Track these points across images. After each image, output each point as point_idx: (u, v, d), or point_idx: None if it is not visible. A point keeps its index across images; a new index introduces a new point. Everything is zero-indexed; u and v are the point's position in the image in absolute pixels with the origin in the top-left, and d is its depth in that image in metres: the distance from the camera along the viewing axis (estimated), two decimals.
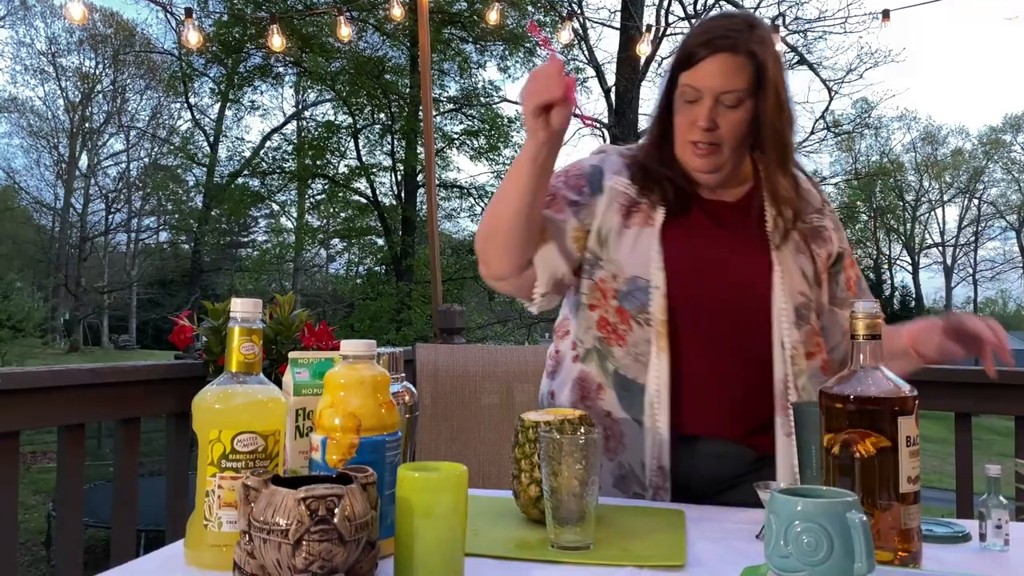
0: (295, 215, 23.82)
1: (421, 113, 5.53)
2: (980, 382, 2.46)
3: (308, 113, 22.53)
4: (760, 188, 1.44)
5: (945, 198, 37.66)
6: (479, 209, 18.79)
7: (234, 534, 0.90)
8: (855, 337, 1.03)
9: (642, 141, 1.48)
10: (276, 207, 24.37)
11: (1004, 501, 1.08)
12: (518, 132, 18.24)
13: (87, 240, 29.73)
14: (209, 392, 0.98)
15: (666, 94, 1.40)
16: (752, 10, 12.87)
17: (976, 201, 37.62)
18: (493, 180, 18.56)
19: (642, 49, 6.02)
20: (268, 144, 21.90)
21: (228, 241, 29.19)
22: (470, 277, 16.37)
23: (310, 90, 21.79)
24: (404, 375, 1.34)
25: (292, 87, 22.52)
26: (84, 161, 30.69)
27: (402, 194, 18.42)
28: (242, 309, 1.00)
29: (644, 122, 12.86)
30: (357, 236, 20.61)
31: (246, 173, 21.21)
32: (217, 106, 24.86)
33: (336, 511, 0.80)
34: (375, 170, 18.82)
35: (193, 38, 4.34)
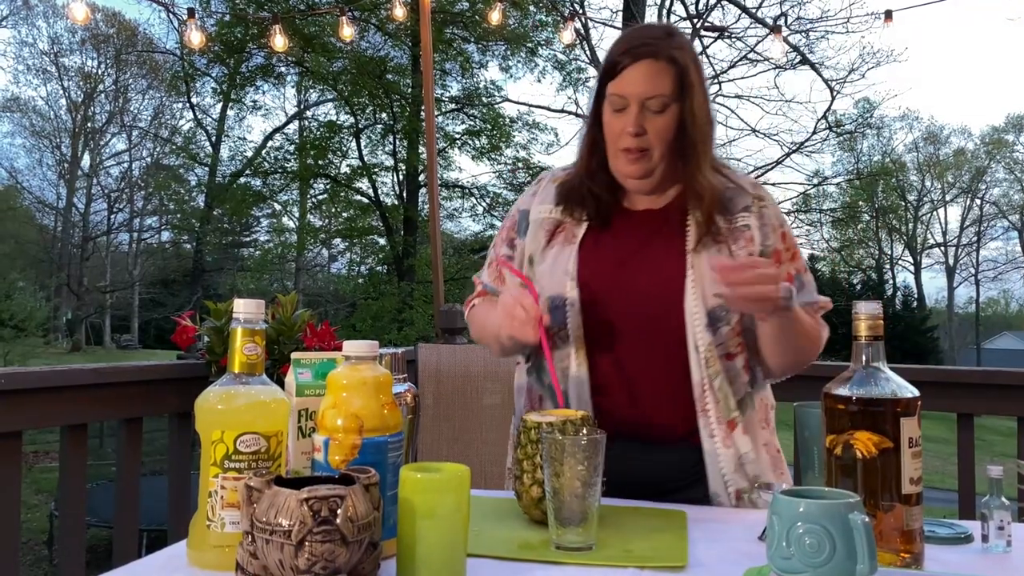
0: (297, 215, 23.87)
1: (423, 113, 5.53)
2: (982, 383, 2.46)
3: (310, 113, 22.58)
4: (687, 192, 1.45)
5: (947, 198, 37.65)
6: (480, 209, 18.82)
7: (237, 535, 0.90)
8: (857, 338, 1.03)
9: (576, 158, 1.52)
10: (278, 207, 24.42)
11: (1006, 502, 1.08)
12: (519, 132, 18.27)
13: (89, 240, 29.77)
14: (212, 393, 0.98)
15: (595, 107, 1.43)
16: (755, 10, 12.84)
17: (978, 201, 37.61)
18: (495, 180, 18.59)
19: None
20: (270, 144, 21.94)
21: (230, 241, 29.22)
22: (472, 277, 16.34)
23: (312, 90, 21.82)
24: (406, 375, 1.34)
25: (294, 87, 22.58)
26: (86, 161, 30.77)
27: (404, 194, 18.43)
28: (244, 310, 1.00)
29: None
30: (359, 236, 20.62)
31: (248, 173, 21.23)
32: (219, 106, 24.92)
33: (339, 512, 0.80)
34: (377, 170, 18.82)
35: (195, 38, 4.35)
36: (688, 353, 1.37)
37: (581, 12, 13.12)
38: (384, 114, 18.39)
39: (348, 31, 5.02)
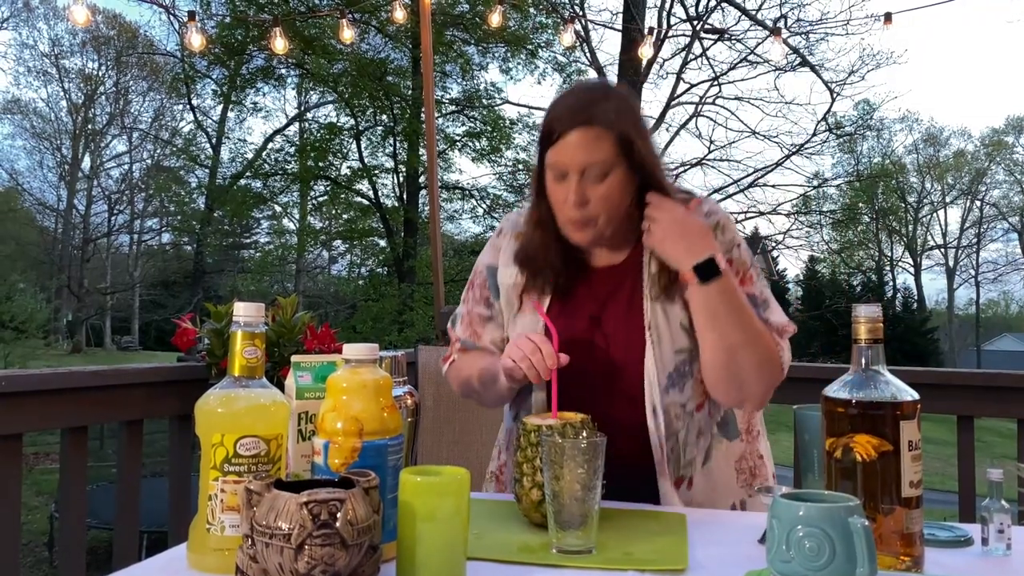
0: (297, 217, 23.84)
1: (423, 115, 5.53)
2: (982, 385, 2.46)
3: (310, 115, 22.57)
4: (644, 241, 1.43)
5: (947, 200, 37.65)
6: (481, 211, 18.80)
7: (237, 538, 0.90)
8: (856, 341, 1.03)
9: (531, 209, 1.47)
10: (278, 209, 24.40)
11: (1006, 505, 1.08)
12: (519, 134, 18.26)
13: (90, 242, 29.77)
14: (212, 396, 0.98)
15: (539, 171, 1.39)
16: (754, 12, 12.84)
17: (978, 203, 37.61)
18: (495, 182, 18.58)
19: (644, 51, 6.02)
20: (270, 146, 21.92)
21: (230, 243, 29.23)
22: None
23: (312, 92, 21.82)
24: (406, 378, 1.34)
25: (294, 89, 22.56)
26: (87, 163, 30.77)
27: (404, 196, 18.43)
28: (244, 313, 1.00)
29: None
30: (359, 238, 20.63)
31: (248, 175, 21.21)
32: (219, 108, 24.92)
33: (338, 515, 0.80)
34: (377, 172, 18.82)
35: (196, 41, 4.35)
36: (646, 417, 1.37)
37: (581, 14, 13.14)
38: (384, 116, 18.39)
39: (348, 33, 5.02)
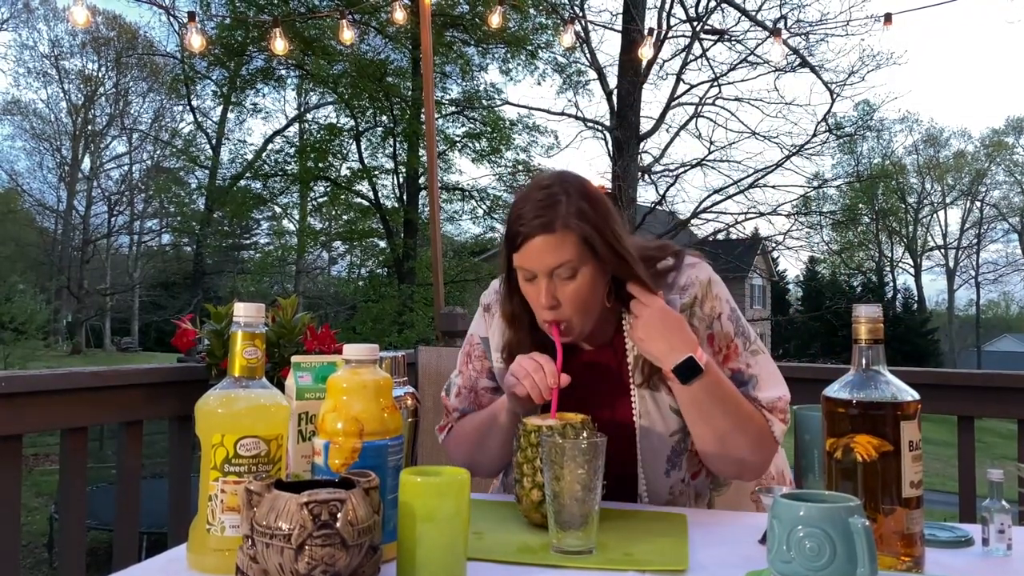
0: (297, 218, 23.86)
1: (423, 115, 5.52)
2: (982, 386, 2.46)
3: (310, 116, 22.56)
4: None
5: (947, 200, 37.69)
6: (481, 212, 18.80)
7: (237, 538, 0.90)
8: (857, 341, 1.03)
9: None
10: (278, 210, 24.42)
11: (1007, 505, 1.08)
12: (519, 135, 18.27)
13: (89, 242, 29.79)
14: (212, 396, 0.98)
15: (507, 267, 1.37)
16: (754, 13, 12.83)
17: (978, 203, 37.64)
18: (495, 182, 18.58)
19: (644, 52, 6.00)
20: (270, 147, 21.94)
21: (230, 243, 29.26)
22: (472, 280, 16.39)
23: (312, 93, 21.85)
24: (407, 379, 1.34)
25: (294, 90, 22.61)
26: (87, 164, 30.84)
27: (404, 196, 18.43)
28: (245, 314, 1.00)
29: (645, 125, 12.88)
30: (359, 238, 20.63)
31: (248, 176, 21.23)
32: (219, 109, 24.97)
33: (339, 516, 0.80)
34: (377, 173, 18.82)
35: (195, 42, 4.34)
36: (640, 496, 1.38)
37: (581, 15, 13.13)
38: (384, 117, 18.40)
39: (348, 34, 5.01)
